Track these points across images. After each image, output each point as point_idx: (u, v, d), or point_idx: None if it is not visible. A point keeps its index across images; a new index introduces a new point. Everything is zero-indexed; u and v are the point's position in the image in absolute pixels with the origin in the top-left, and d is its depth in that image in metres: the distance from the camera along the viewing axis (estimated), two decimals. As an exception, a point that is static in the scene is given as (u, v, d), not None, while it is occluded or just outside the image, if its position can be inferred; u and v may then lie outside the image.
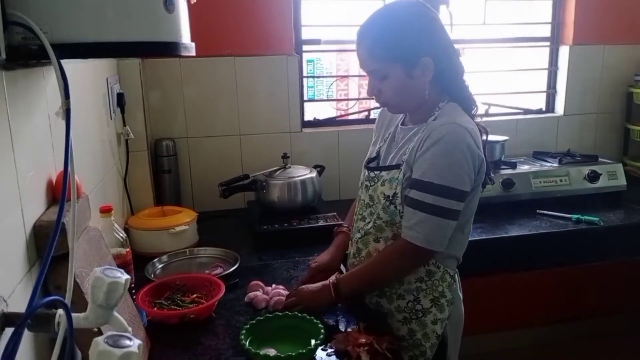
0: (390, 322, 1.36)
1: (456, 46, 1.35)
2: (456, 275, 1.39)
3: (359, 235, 1.41)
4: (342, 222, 1.67)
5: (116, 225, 1.33)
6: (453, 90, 1.34)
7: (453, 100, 1.33)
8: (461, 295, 1.42)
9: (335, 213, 1.95)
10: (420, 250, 1.25)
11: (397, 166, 1.32)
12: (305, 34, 2.39)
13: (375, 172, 1.38)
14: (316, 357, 1.15)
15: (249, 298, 1.41)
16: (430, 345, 1.34)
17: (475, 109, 1.36)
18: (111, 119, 1.77)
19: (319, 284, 1.35)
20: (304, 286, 1.37)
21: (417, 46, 1.25)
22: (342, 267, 1.54)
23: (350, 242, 1.49)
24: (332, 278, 1.35)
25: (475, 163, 1.25)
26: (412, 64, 1.26)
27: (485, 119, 2.56)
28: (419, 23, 1.27)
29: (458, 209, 1.24)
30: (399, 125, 1.42)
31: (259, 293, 1.42)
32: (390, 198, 1.31)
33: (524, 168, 2.29)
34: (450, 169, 1.22)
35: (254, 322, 1.22)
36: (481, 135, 1.31)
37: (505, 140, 2.35)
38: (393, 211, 1.31)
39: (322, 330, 1.17)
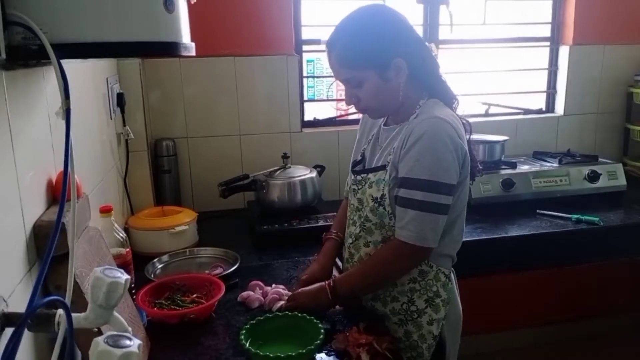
0: (387, 324, 1.36)
1: (428, 44, 1.35)
2: (452, 274, 1.38)
3: (350, 240, 1.41)
4: (330, 226, 1.65)
5: (116, 225, 1.33)
6: (431, 86, 1.34)
7: (433, 97, 1.33)
8: (458, 295, 1.41)
9: (335, 213, 1.94)
10: (415, 249, 1.25)
11: (383, 167, 1.31)
12: (305, 34, 2.39)
13: (362, 175, 1.37)
14: (316, 357, 1.15)
15: (242, 297, 1.42)
16: (427, 346, 1.34)
17: (455, 102, 1.36)
18: (111, 119, 1.77)
19: (315, 286, 1.34)
20: (300, 289, 1.36)
21: (386, 48, 1.25)
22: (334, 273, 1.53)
23: (343, 247, 1.49)
24: (329, 280, 1.35)
25: (459, 154, 1.24)
26: (385, 67, 1.25)
27: (485, 119, 2.62)
28: (385, 25, 1.27)
29: (447, 202, 1.24)
30: (382, 126, 1.42)
31: (251, 293, 1.42)
32: (379, 200, 1.31)
33: (524, 168, 2.29)
34: (436, 164, 1.22)
35: (254, 322, 1.22)
36: (465, 131, 1.31)
37: (505, 140, 2.35)
38: (382, 213, 1.31)
39: (322, 331, 1.17)
